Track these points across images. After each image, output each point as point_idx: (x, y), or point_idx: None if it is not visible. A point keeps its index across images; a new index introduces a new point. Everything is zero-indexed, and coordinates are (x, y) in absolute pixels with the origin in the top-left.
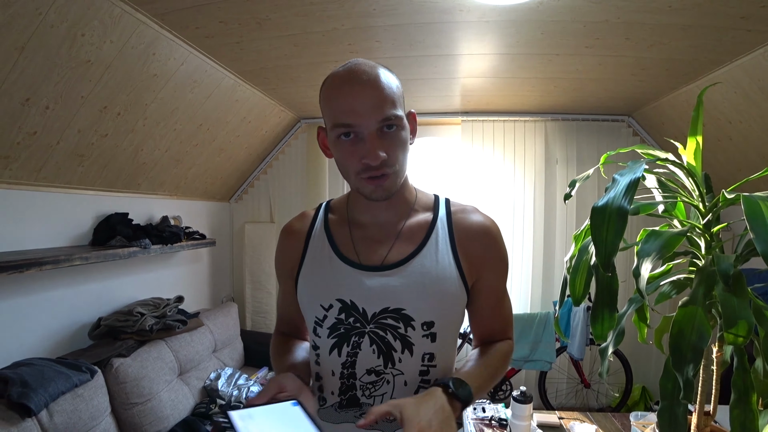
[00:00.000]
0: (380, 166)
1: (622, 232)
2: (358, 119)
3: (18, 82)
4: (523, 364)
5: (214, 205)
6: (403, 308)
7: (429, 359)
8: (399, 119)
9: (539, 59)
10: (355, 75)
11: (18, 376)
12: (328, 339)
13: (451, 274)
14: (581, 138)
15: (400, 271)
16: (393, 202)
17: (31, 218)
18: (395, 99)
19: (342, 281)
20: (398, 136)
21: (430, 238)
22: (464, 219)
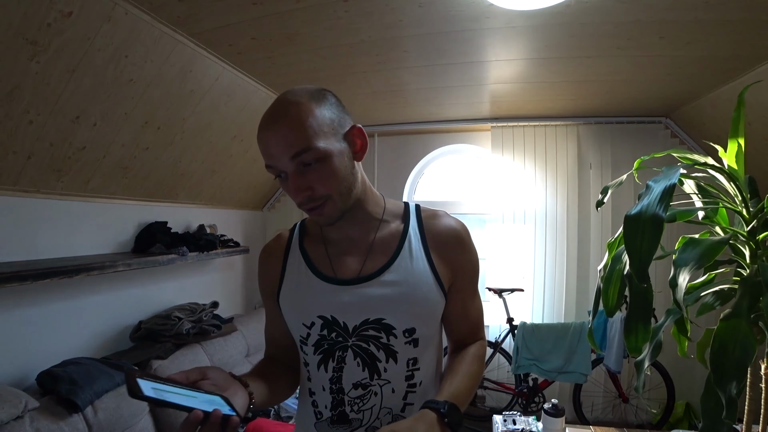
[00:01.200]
0: (307, 201)
1: (657, 242)
2: (275, 161)
3: (69, 102)
4: (556, 375)
5: (248, 213)
6: (383, 318)
7: (413, 364)
8: (315, 152)
9: (569, 62)
10: (269, 118)
11: (67, 374)
12: (314, 356)
13: (428, 279)
14: (616, 141)
15: (377, 282)
16: (357, 217)
17: (80, 227)
18: (308, 132)
19: (321, 298)
20: (321, 168)
21: (404, 246)
22: (435, 225)
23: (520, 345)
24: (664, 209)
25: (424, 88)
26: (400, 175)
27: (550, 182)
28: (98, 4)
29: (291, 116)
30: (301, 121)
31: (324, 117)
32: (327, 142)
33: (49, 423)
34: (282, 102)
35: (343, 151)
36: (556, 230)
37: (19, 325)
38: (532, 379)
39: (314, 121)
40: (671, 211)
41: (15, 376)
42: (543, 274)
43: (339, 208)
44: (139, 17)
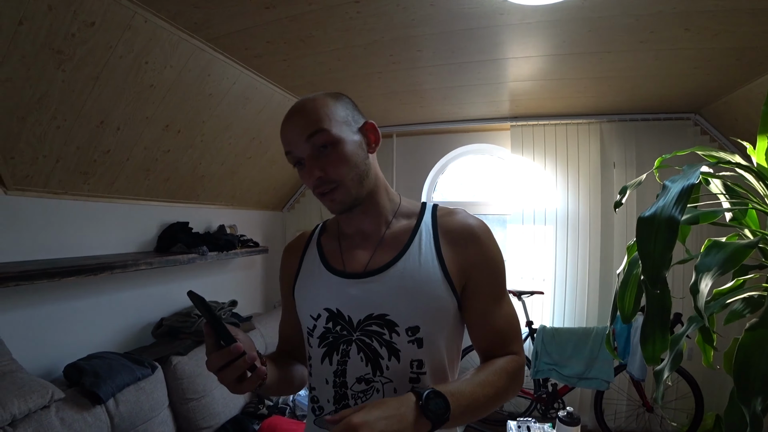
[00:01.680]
0: (320, 183)
1: (672, 245)
2: (291, 146)
3: (94, 107)
4: (577, 381)
5: (267, 214)
6: (386, 314)
7: (418, 366)
8: (326, 135)
9: (589, 58)
10: (290, 111)
11: (91, 368)
12: (318, 348)
13: (436, 276)
14: (641, 139)
15: (382, 277)
16: (369, 211)
17: (105, 227)
18: (322, 118)
19: (328, 290)
20: (334, 153)
21: (413, 242)
22: (449, 221)
23: (540, 349)
24: (680, 211)
25: (441, 88)
26: (418, 176)
27: (571, 182)
28: (119, 13)
29: (307, 107)
30: (316, 109)
31: (338, 109)
32: (339, 130)
33: (73, 413)
34: (301, 100)
35: (356, 141)
36: (578, 231)
37: (48, 319)
38: (551, 385)
39: (328, 110)
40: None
41: (44, 368)
42: (564, 276)
43: (350, 195)
44: (158, 24)
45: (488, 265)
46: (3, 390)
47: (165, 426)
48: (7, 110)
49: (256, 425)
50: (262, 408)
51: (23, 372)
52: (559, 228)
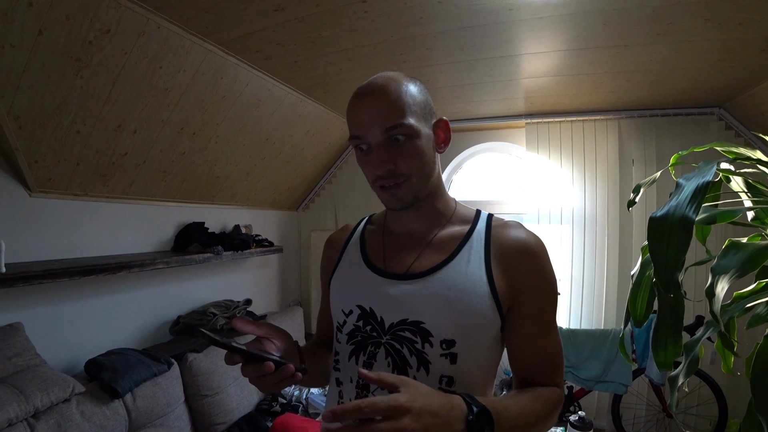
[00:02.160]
0: (388, 176)
1: (685, 247)
2: (363, 131)
3: (111, 112)
4: (594, 384)
5: (282, 214)
6: (422, 321)
7: (447, 383)
8: (407, 128)
9: (605, 53)
10: (365, 89)
11: (110, 363)
12: (346, 345)
13: (481, 290)
14: (662, 135)
15: (424, 282)
16: (424, 211)
17: (124, 227)
18: (404, 108)
19: (364, 287)
20: (408, 145)
21: (462, 249)
22: (503, 233)
23: None
24: (695, 210)
25: (453, 86)
26: None
27: (588, 180)
28: (133, 20)
29: (390, 90)
30: (400, 95)
31: (418, 98)
32: (418, 123)
33: (92, 407)
34: (381, 76)
35: (430, 137)
36: (595, 230)
37: (70, 316)
38: (567, 387)
39: (411, 99)
40: (711, 212)
41: (66, 363)
42: (581, 277)
43: (414, 192)
44: (171, 30)
45: (541, 288)
46: (27, 383)
47: (181, 421)
48: (30, 116)
49: (269, 422)
50: (276, 405)
51: (46, 366)
52: (576, 227)
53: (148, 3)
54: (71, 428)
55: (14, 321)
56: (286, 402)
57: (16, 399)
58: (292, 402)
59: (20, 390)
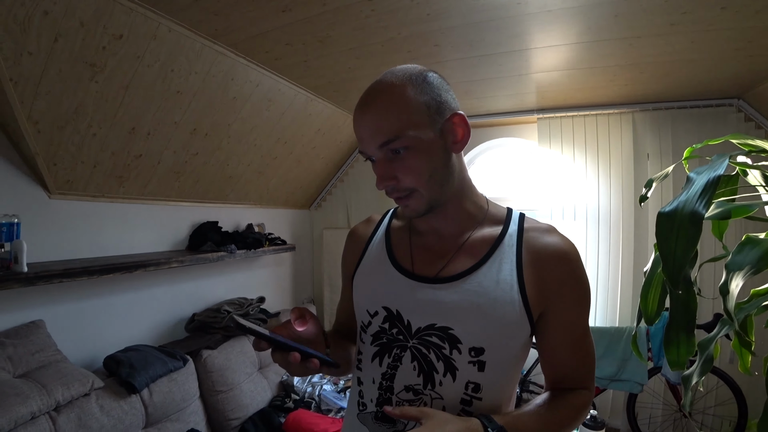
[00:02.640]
0: (392, 190)
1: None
2: (364, 146)
3: (125, 115)
4: (608, 383)
5: (295, 212)
6: (450, 328)
7: (474, 389)
8: (405, 141)
9: (617, 45)
10: (363, 100)
11: (127, 359)
12: (371, 346)
13: (512, 298)
14: (678, 128)
15: (454, 287)
16: (451, 214)
17: (140, 227)
18: (401, 120)
19: (391, 289)
20: (408, 158)
21: (494, 254)
22: (536, 238)
23: None
24: (705, 205)
25: (462, 82)
26: None
27: (602, 175)
28: (144, 24)
29: (383, 101)
30: (395, 105)
31: (419, 103)
32: (419, 131)
33: (111, 401)
34: (378, 83)
35: (435, 142)
36: (609, 227)
37: (89, 314)
38: None
39: (407, 107)
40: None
41: (86, 359)
42: (595, 274)
43: (426, 202)
44: (182, 33)
45: (576, 296)
46: (48, 378)
47: (196, 416)
48: (48, 121)
49: (282, 418)
50: (289, 402)
51: (67, 362)
52: (590, 223)
53: (158, 8)
54: (91, 422)
55: (36, 318)
56: (299, 398)
57: (39, 393)
58: (304, 398)
59: (42, 384)
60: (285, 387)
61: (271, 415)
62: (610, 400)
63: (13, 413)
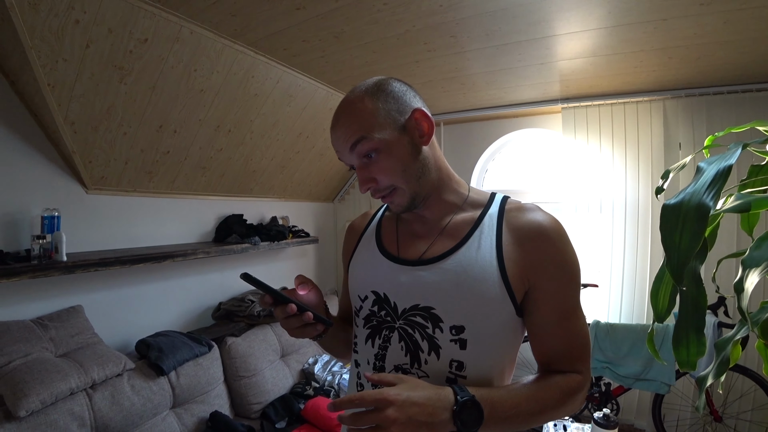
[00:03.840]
0: (375, 191)
1: (700, 236)
2: (341, 156)
3: (153, 114)
4: (633, 382)
5: (319, 205)
6: (432, 307)
7: (457, 368)
8: (372, 143)
9: (641, 29)
10: (332, 121)
11: (156, 343)
12: (363, 329)
13: (491, 276)
14: (714, 115)
15: (436, 268)
16: (433, 205)
17: (169, 220)
18: (364, 126)
19: (378, 274)
20: (380, 160)
21: (473, 235)
22: (517, 217)
23: (593, 345)
24: (713, 197)
25: (482, 72)
26: (466, 165)
27: (630, 166)
28: (167, 28)
29: (347, 113)
30: (356, 115)
31: (379, 109)
32: (383, 133)
33: (141, 382)
34: (342, 102)
35: (401, 139)
36: (637, 220)
37: (123, 300)
38: (604, 384)
39: (366, 114)
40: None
41: (120, 342)
42: (621, 269)
43: (408, 196)
44: (203, 35)
45: (557, 272)
46: (86, 358)
47: (220, 399)
48: (83, 122)
49: (301, 404)
50: (309, 389)
51: (102, 344)
52: (616, 216)
53: (180, 11)
54: (123, 400)
55: (76, 304)
56: (319, 386)
57: (77, 372)
58: (324, 386)
59: (80, 364)
60: (306, 375)
61: (292, 401)
62: (636, 400)
63: (54, 388)
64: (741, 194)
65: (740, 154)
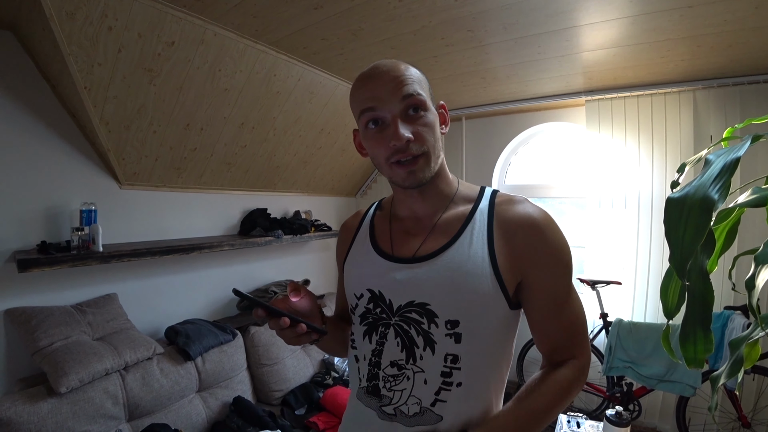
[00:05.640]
0: (407, 147)
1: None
2: (380, 103)
3: (180, 113)
4: (656, 383)
5: (341, 200)
6: (427, 303)
7: (452, 361)
8: (422, 102)
9: (666, 17)
10: (376, 68)
11: (184, 330)
12: (360, 326)
13: (483, 271)
14: (749, 106)
15: (429, 264)
16: (429, 194)
17: (196, 213)
18: (417, 83)
19: (373, 272)
20: (424, 118)
21: (465, 230)
22: (506, 210)
23: (614, 344)
24: (719, 190)
25: (502, 66)
26: (488, 159)
27: (657, 160)
28: (192, 31)
29: (400, 67)
30: (410, 71)
31: (423, 78)
32: (428, 99)
33: (169, 366)
34: (388, 60)
35: (437, 117)
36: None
37: (154, 289)
38: (626, 384)
39: (421, 80)
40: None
41: (150, 328)
42: (647, 266)
43: (428, 168)
44: (226, 36)
45: (549, 261)
46: (120, 342)
47: (243, 385)
48: (116, 121)
49: (320, 393)
50: (328, 378)
51: (135, 330)
52: (642, 212)
53: (204, 14)
54: (152, 381)
55: (111, 292)
56: (338, 376)
57: (112, 354)
58: (343, 377)
59: (115, 347)
60: (326, 365)
61: (311, 389)
62: (660, 401)
63: (91, 369)
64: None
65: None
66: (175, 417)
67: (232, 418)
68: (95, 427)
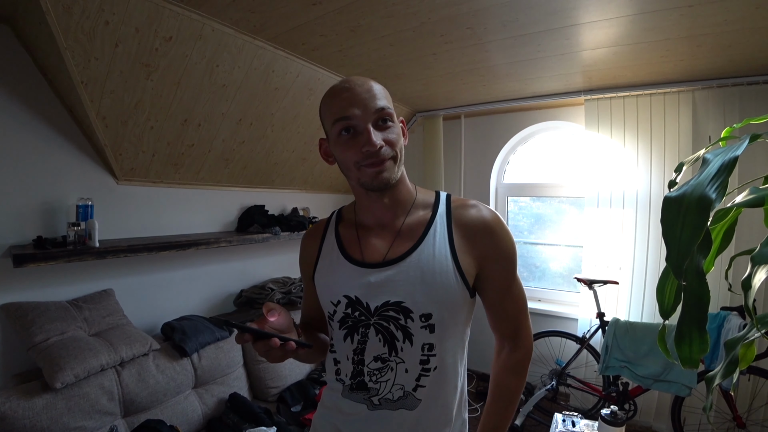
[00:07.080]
0: (379, 153)
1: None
2: (353, 111)
3: (178, 108)
4: (652, 383)
5: (340, 197)
6: (402, 301)
7: (428, 349)
8: (391, 114)
9: (666, 16)
10: (349, 81)
11: (180, 327)
12: (339, 330)
13: (448, 268)
14: (748, 107)
15: (399, 266)
16: (391, 201)
17: (193, 210)
18: (386, 98)
19: (347, 279)
20: (393, 128)
21: (428, 234)
22: (462, 214)
23: (611, 344)
24: (717, 189)
25: (501, 64)
26: (486, 157)
27: (655, 160)
28: (190, 26)
29: (372, 84)
30: (380, 88)
31: (389, 96)
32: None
33: (166, 362)
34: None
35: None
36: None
37: (150, 285)
38: (622, 383)
39: (386, 94)
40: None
41: (147, 324)
42: (644, 266)
43: (395, 171)
44: (224, 31)
45: (501, 257)
46: (116, 338)
47: (239, 381)
48: (113, 116)
49: (316, 390)
50: (324, 376)
51: (131, 326)
52: (640, 212)
53: (202, 9)
54: (148, 377)
55: (107, 287)
56: None
57: (107, 350)
58: None
59: (111, 343)
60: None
61: (307, 386)
62: (656, 401)
63: (87, 364)
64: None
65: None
66: (170, 413)
67: (228, 415)
68: (90, 423)
